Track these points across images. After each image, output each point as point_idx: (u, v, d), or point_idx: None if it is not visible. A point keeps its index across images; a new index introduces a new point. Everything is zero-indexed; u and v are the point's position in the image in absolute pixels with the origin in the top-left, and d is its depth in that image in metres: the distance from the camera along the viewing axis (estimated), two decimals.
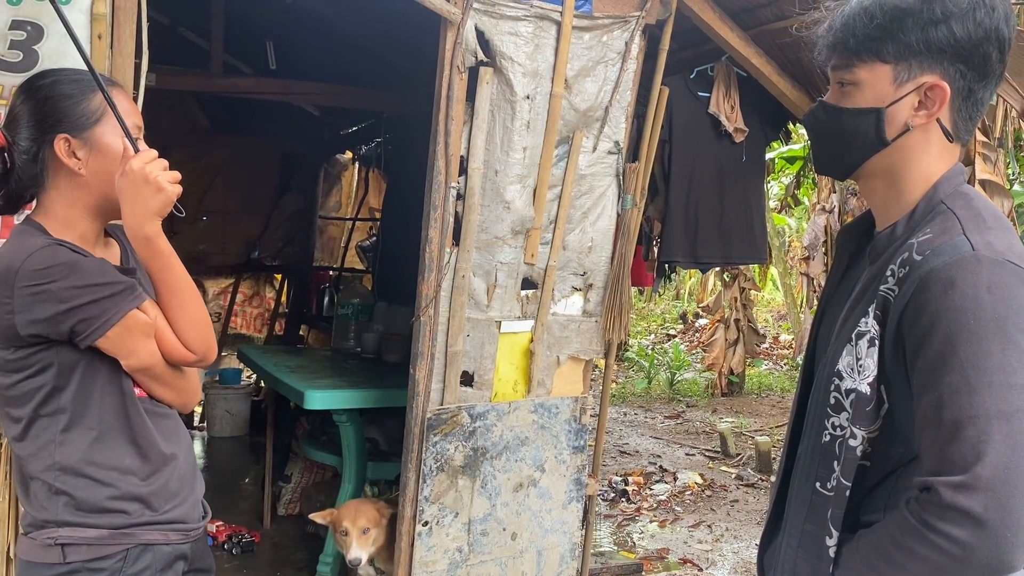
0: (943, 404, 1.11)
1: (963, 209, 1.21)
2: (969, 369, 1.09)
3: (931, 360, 1.13)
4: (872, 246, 1.33)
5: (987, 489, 1.05)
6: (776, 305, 14.28)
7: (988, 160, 3.21)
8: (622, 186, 3.10)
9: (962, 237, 1.16)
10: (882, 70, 1.25)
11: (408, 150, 5.00)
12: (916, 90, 1.24)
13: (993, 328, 1.09)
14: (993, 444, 1.06)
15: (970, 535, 1.05)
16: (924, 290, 1.15)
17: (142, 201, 1.47)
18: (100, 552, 1.53)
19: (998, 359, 1.09)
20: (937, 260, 1.15)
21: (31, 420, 1.52)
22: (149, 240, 1.50)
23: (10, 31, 2.15)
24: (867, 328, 1.23)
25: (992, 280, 1.12)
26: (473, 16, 2.67)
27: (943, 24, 1.20)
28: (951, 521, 1.07)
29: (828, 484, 1.27)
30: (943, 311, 1.12)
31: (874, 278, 1.27)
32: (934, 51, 1.22)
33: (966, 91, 1.24)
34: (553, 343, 3.07)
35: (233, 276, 6.65)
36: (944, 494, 1.07)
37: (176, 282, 1.55)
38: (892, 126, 1.26)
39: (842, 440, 1.26)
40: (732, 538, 4.82)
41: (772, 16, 3.16)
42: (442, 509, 2.88)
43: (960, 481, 1.07)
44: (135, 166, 1.47)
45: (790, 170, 8.21)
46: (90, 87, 1.55)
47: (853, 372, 1.24)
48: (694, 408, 8.46)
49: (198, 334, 1.57)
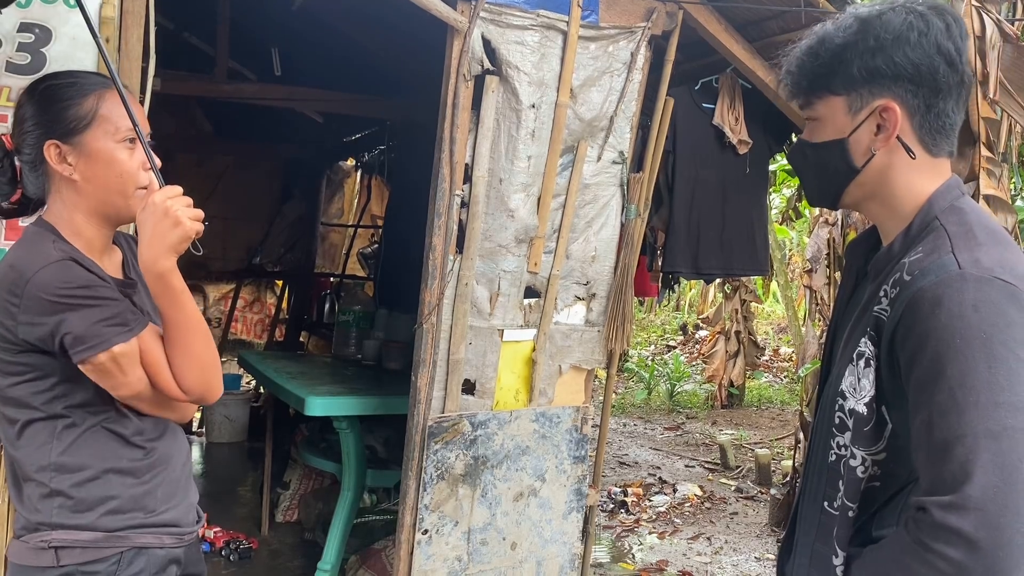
0: (932, 424, 1.11)
1: (955, 225, 1.22)
2: (956, 388, 1.10)
3: (921, 379, 1.14)
4: (873, 263, 1.34)
5: (977, 509, 1.05)
6: (777, 317, 14.27)
7: (992, 175, 3.21)
8: (626, 196, 3.10)
9: (950, 256, 1.17)
10: (836, 102, 1.30)
11: (411, 158, 5.01)
12: (871, 115, 1.28)
13: (979, 346, 1.10)
14: (981, 463, 1.06)
15: (963, 555, 1.06)
16: (912, 310, 1.16)
17: (159, 235, 1.43)
18: (94, 555, 1.51)
19: (985, 377, 1.09)
20: (924, 280, 1.16)
21: (27, 422, 1.51)
22: (162, 276, 1.45)
23: (18, 33, 2.15)
24: (864, 348, 1.24)
25: (978, 298, 1.12)
26: (480, 25, 2.67)
27: (880, 52, 1.24)
28: (944, 541, 1.07)
29: (835, 503, 1.29)
30: (930, 331, 1.13)
31: (872, 298, 1.28)
32: (877, 77, 1.26)
33: (923, 108, 1.26)
34: (555, 352, 3.06)
35: (234, 282, 6.65)
36: (935, 514, 1.08)
37: (184, 321, 1.50)
38: (857, 153, 1.30)
39: (844, 462, 1.27)
40: (731, 551, 4.80)
41: (778, 29, 3.17)
42: (442, 518, 2.87)
43: (950, 501, 1.07)
44: (156, 199, 1.43)
45: (792, 182, 8.21)
46: (83, 91, 1.52)
47: (855, 392, 1.26)
48: (694, 420, 8.44)
49: (198, 377, 1.52)
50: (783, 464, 6.17)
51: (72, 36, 2.20)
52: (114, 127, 1.51)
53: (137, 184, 1.54)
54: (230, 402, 5.94)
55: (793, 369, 10.38)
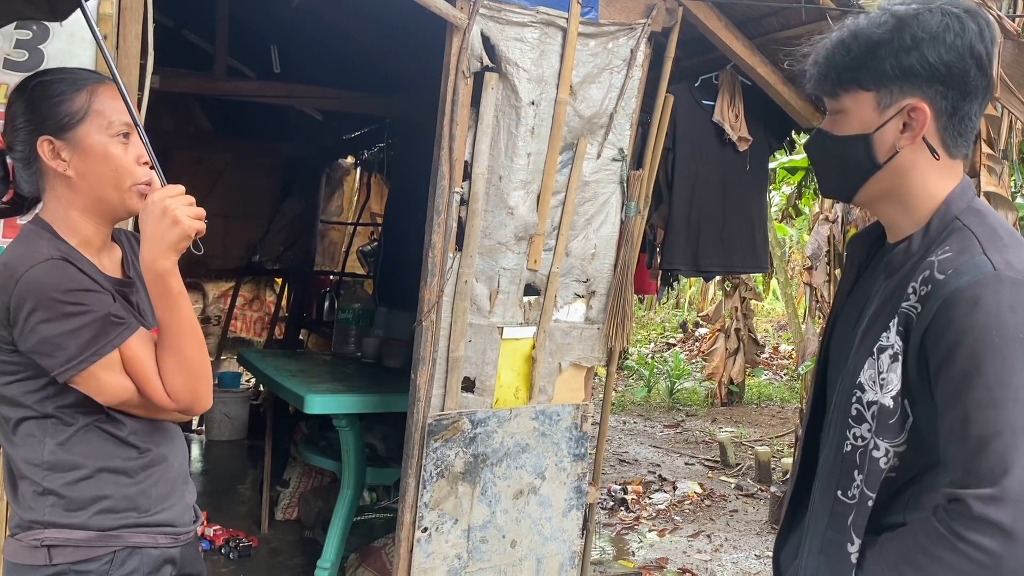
0: (969, 419, 1.15)
1: (979, 227, 1.25)
2: (995, 385, 1.13)
3: (956, 377, 1.17)
4: (888, 261, 1.36)
5: (1016, 501, 1.10)
6: (777, 315, 14.27)
7: (993, 172, 3.21)
8: (626, 193, 3.09)
9: (983, 257, 1.20)
10: (865, 97, 1.31)
11: (411, 155, 5.00)
12: (899, 114, 1.29)
13: (1017, 346, 1.14)
14: (1020, 458, 1.11)
15: (999, 545, 1.10)
16: (948, 309, 1.18)
17: (159, 234, 1.42)
18: (87, 554, 1.51)
19: (1022, 376, 1.13)
20: (960, 280, 1.19)
21: (21, 420, 1.51)
22: (160, 276, 1.44)
23: (16, 30, 2.15)
24: (889, 343, 1.27)
25: (1014, 299, 1.16)
26: (479, 21, 2.66)
27: (915, 50, 1.25)
28: (980, 532, 1.11)
29: (850, 492, 1.31)
30: (967, 329, 1.16)
31: (893, 293, 1.30)
32: (910, 76, 1.27)
33: (950, 109, 1.28)
34: (555, 350, 3.06)
35: (233, 279, 6.64)
36: (974, 506, 1.12)
37: (177, 326, 1.48)
38: (881, 149, 1.31)
39: (863, 450, 1.30)
40: (731, 548, 4.80)
41: (778, 25, 3.16)
42: (441, 515, 2.87)
43: (989, 494, 1.11)
44: (156, 198, 1.43)
45: (791, 180, 8.21)
46: (75, 86, 1.50)
47: (875, 385, 1.28)
48: (693, 417, 8.44)
49: (186, 384, 1.50)
50: (783, 462, 6.17)
51: (70, 33, 2.20)
52: (107, 122, 1.50)
53: (133, 179, 1.52)
54: (230, 400, 5.93)
55: (793, 366, 10.38)
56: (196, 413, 1.56)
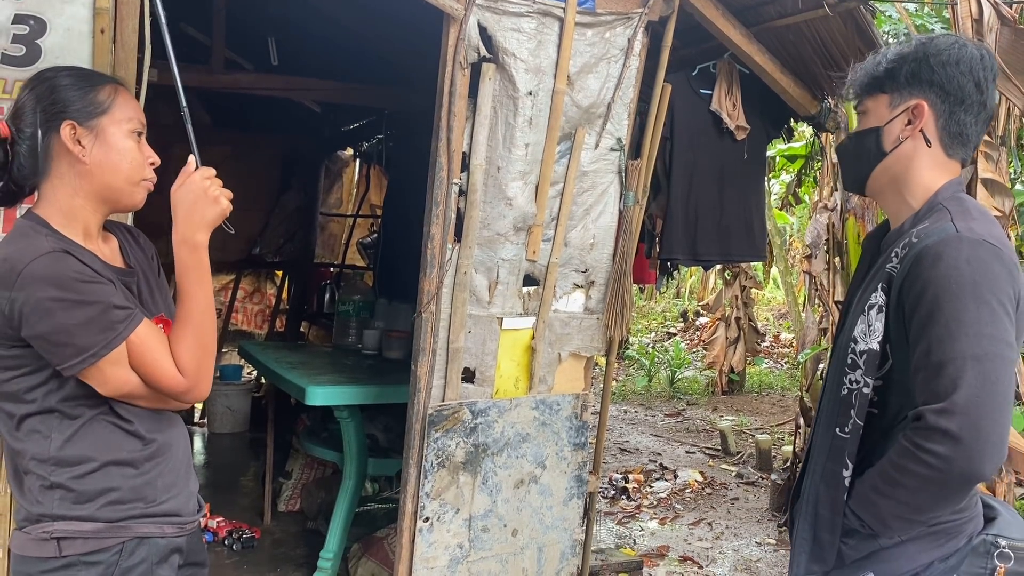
0: (930, 350, 1.40)
1: (954, 205, 1.54)
2: (951, 322, 1.39)
3: (922, 317, 1.43)
4: (886, 241, 1.64)
5: (961, 413, 1.34)
6: (777, 303, 14.28)
7: (990, 159, 3.21)
8: (624, 183, 3.10)
9: (950, 223, 1.48)
10: (882, 99, 1.64)
11: (409, 147, 5.00)
12: (905, 111, 1.60)
13: (970, 291, 1.39)
14: (967, 379, 1.35)
15: (949, 450, 1.34)
16: (917, 263, 1.46)
17: (199, 211, 1.56)
18: (96, 545, 1.53)
19: (973, 315, 1.38)
20: (928, 239, 1.47)
21: (25, 415, 1.52)
22: (197, 248, 1.57)
23: (13, 25, 2.15)
24: (876, 300, 1.53)
25: (971, 254, 1.42)
26: (476, 12, 2.66)
27: (924, 63, 1.58)
28: (934, 440, 1.36)
29: (846, 428, 1.57)
30: (932, 279, 1.42)
31: (883, 263, 1.57)
32: (917, 82, 1.59)
33: (947, 112, 1.58)
34: (555, 340, 3.07)
35: (234, 272, 6.64)
36: (929, 418, 1.37)
37: (204, 299, 1.59)
38: (888, 139, 1.62)
39: (857, 392, 1.56)
40: (732, 536, 4.83)
41: (775, 13, 3.15)
42: (443, 505, 2.88)
43: (941, 407, 1.36)
44: (197, 178, 1.58)
45: (791, 168, 8.19)
46: (102, 80, 1.60)
47: (866, 336, 1.54)
48: (694, 406, 8.46)
49: (197, 358, 1.56)
50: (783, 450, 6.19)
51: (67, 28, 2.19)
52: (126, 118, 1.60)
53: (143, 175, 1.62)
54: (231, 392, 5.95)
55: (793, 355, 10.39)
56: (199, 394, 1.60)
